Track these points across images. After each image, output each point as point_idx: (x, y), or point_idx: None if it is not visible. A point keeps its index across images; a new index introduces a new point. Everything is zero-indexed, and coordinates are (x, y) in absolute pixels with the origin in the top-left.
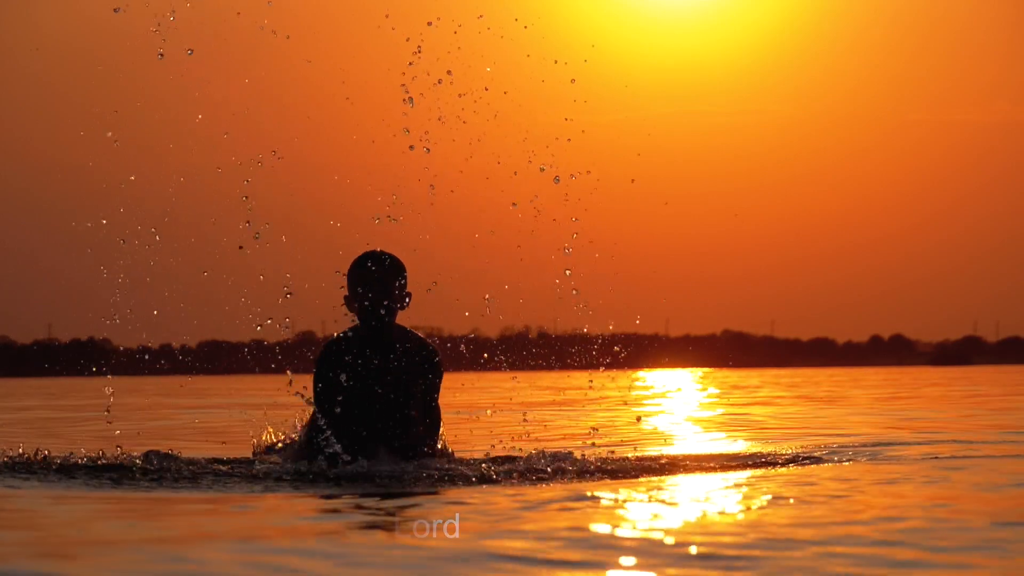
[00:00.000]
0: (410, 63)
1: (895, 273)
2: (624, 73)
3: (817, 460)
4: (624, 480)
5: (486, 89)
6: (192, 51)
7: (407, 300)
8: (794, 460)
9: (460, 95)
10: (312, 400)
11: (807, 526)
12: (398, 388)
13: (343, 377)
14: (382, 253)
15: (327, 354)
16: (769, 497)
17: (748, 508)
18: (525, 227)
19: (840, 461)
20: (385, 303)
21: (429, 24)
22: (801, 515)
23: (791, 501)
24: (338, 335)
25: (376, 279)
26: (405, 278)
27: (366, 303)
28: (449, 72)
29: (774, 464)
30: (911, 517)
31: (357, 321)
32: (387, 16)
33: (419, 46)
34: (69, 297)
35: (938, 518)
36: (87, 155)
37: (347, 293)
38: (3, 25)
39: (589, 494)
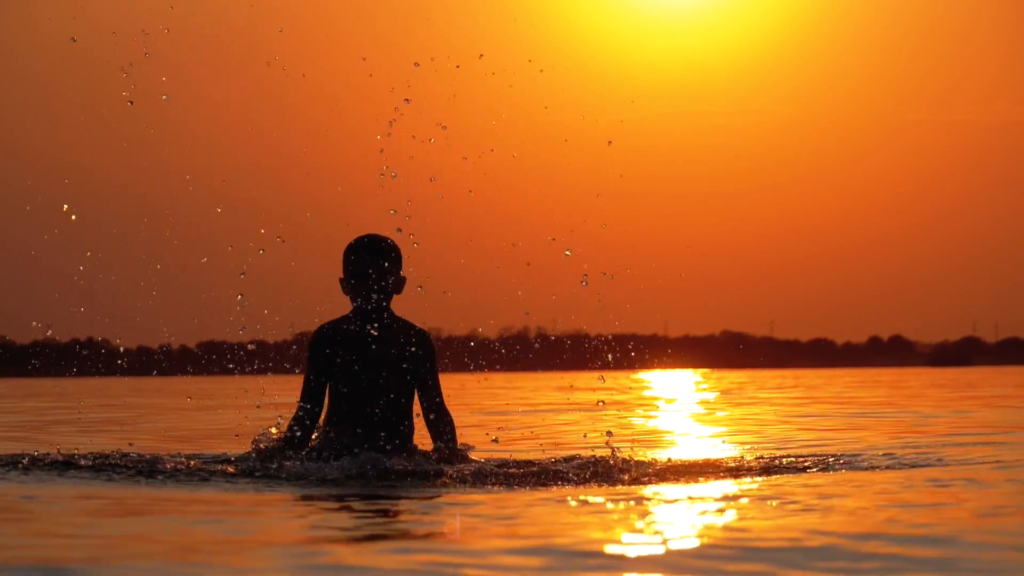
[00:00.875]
0: (392, 120)
1: (894, 274)
2: (624, 73)
3: (824, 465)
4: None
5: (492, 150)
6: (167, 97)
7: (402, 285)
8: (802, 465)
9: (463, 159)
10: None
11: (817, 532)
12: (389, 372)
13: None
14: (378, 236)
15: (317, 341)
16: (779, 502)
17: (746, 514)
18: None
19: (842, 466)
20: (380, 287)
21: (416, 66)
22: (802, 522)
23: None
24: (333, 322)
25: (371, 263)
26: (400, 262)
27: (360, 286)
28: (444, 127)
29: (788, 469)
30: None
31: (352, 305)
32: (364, 59)
33: (406, 97)
34: (68, 297)
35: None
36: (85, 156)
37: (342, 276)
38: (3, 25)
39: (598, 498)
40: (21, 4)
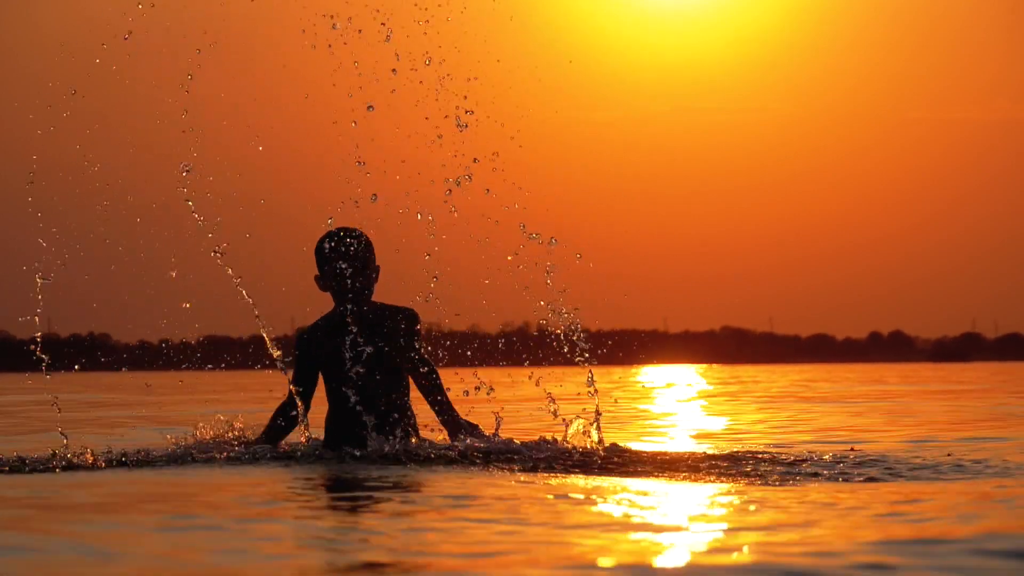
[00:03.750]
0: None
1: (894, 270)
2: (624, 70)
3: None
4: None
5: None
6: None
7: (378, 273)
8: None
9: (475, 160)
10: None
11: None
12: (382, 364)
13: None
14: (349, 230)
15: (302, 346)
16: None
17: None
18: None
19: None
20: (362, 281)
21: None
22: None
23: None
24: (315, 323)
25: (349, 258)
26: (373, 252)
27: (344, 284)
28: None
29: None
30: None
31: (333, 301)
32: (345, 42)
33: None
34: (69, 292)
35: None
36: (84, 153)
37: (317, 273)
38: (3, 25)
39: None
40: (21, 4)
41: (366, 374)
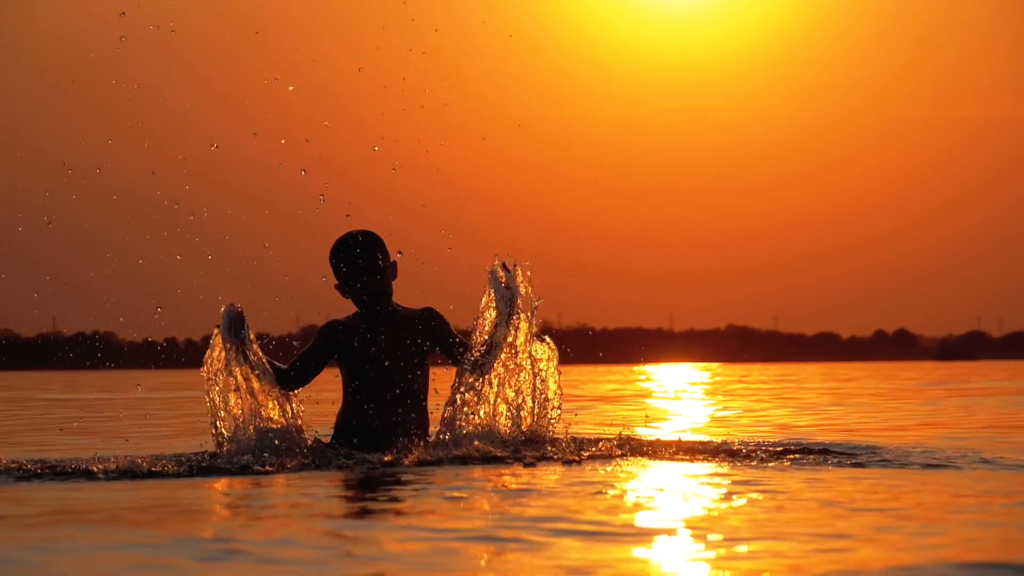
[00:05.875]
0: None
1: (899, 268)
2: (627, 68)
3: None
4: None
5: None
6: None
7: (395, 269)
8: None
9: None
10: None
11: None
12: (401, 360)
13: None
14: (356, 235)
15: (327, 330)
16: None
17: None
18: None
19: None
20: (373, 285)
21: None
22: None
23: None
24: (346, 317)
25: (361, 266)
26: (386, 250)
27: (357, 290)
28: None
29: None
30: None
31: (355, 306)
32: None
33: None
34: (73, 290)
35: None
36: (86, 153)
37: (336, 282)
38: (3, 24)
39: (599, 476)
40: (21, 3)
41: (387, 374)
